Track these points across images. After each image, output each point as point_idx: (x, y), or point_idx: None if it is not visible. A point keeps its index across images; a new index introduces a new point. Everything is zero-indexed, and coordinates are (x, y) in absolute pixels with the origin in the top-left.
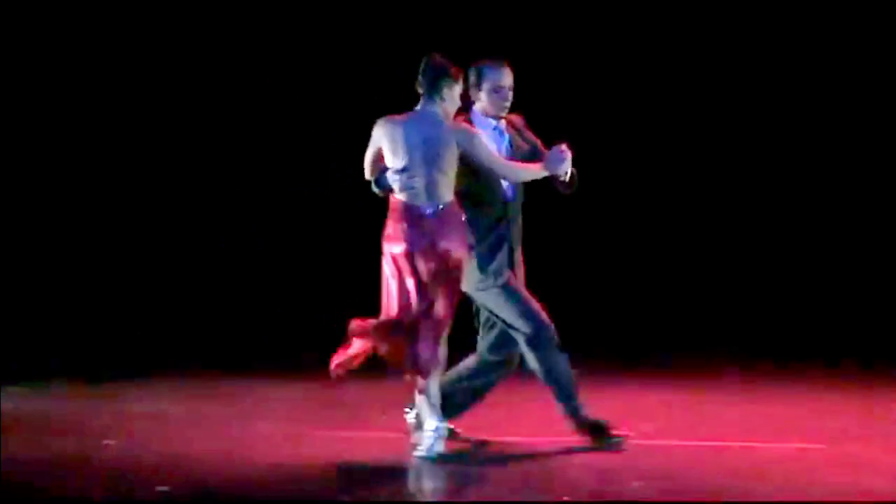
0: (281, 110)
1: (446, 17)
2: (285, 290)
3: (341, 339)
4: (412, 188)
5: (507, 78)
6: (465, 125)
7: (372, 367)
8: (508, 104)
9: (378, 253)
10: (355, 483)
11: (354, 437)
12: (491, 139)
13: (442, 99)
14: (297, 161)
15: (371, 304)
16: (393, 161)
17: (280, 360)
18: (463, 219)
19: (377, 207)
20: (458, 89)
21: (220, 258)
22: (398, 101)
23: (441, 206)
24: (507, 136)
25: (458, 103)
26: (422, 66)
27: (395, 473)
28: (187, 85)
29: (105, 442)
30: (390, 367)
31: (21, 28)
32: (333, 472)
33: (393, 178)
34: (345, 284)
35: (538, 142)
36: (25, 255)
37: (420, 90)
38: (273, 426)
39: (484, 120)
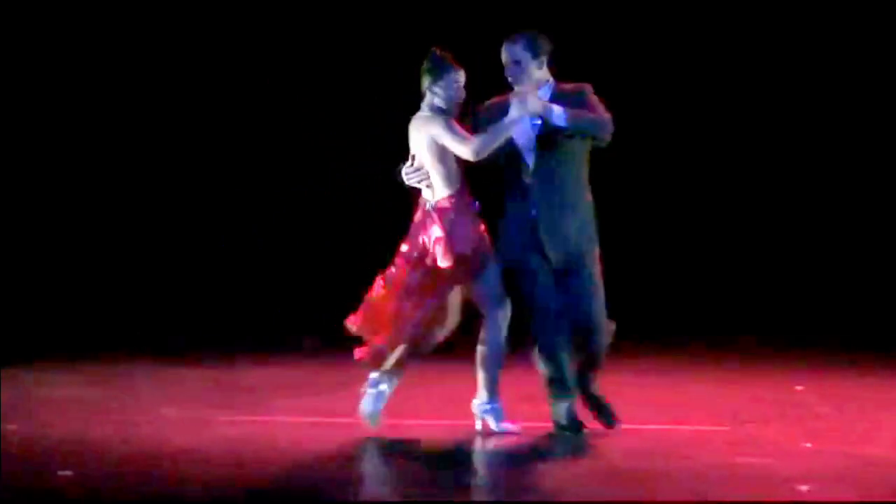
0: (281, 110)
1: (446, 17)
2: (277, 287)
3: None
4: (420, 183)
5: (502, 54)
6: (432, 115)
7: (278, 352)
8: (511, 78)
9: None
10: (256, 467)
11: (257, 422)
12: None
13: (434, 93)
14: (297, 161)
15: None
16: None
17: (185, 346)
18: (452, 217)
19: (376, 208)
20: (450, 80)
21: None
22: (398, 101)
23: (436, 202)
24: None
25: (454, 95)
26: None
27: (295, 458)
28: (188, 85)
29: (6, 426)
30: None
31: (21, 28)
32: (235, 456)
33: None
34: (342, 282)
35: (594, 109)
36: None
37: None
38: (176, 411)
39: (511, 95)
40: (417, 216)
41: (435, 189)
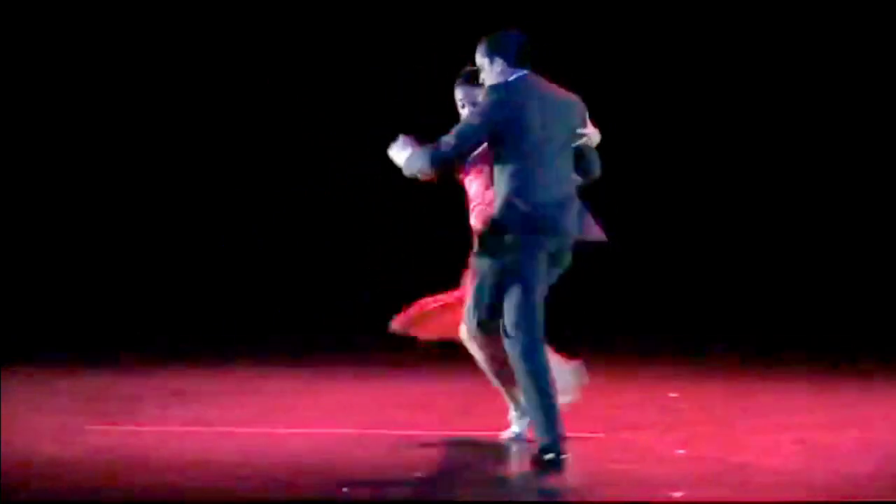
0: (281, 110)
1: (445, 17)
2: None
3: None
4: None
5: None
6: None
7: (153, 357)
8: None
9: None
10: (123, 476)
11: (130, 432)
12: None
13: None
14: (297, 161)
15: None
16: None
17: (67, 353)
18: None
19: (376, 208)
20: (458, 93)
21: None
22: (398, 101)
23: None
24: None
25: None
26: None
27: (168, 467)
28: (188, 85)
29: None
30: None
31: (21, 28)
32: (104, 465)
33: None
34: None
35: None
36: None
37: None
38: (49, 419)
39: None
40: None
41: None
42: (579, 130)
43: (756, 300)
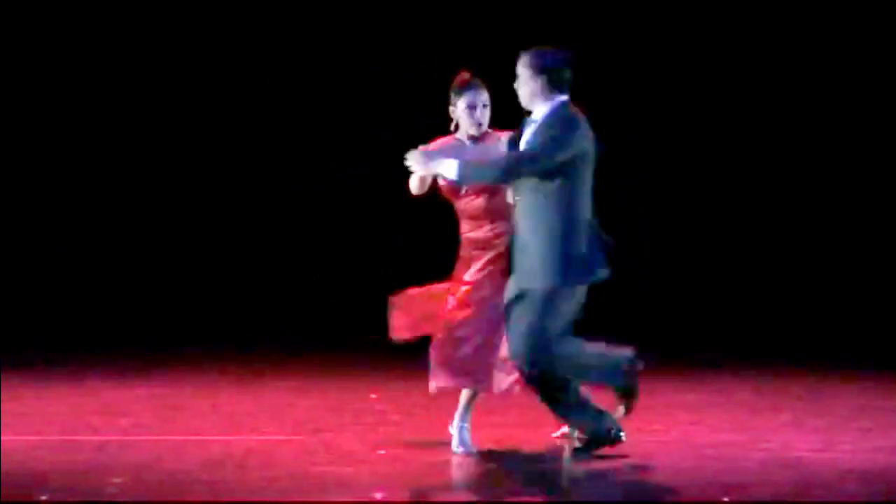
0: (281, 111)
1: (444, 18)
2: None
3: None
4: None
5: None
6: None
7: None
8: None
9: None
10: None
11: None
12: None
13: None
14: (297, 161)
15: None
16: None
17: None
18: None
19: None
20: (460, 103)
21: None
22: (397, 102)
23: None
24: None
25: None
26: None
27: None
28: (188, 85)
29: None
30: None
31: (21, 28)
32: None
33: None
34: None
35: None
36: None
37: None
38: None
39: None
40: None
41: None
42: None
43: None
